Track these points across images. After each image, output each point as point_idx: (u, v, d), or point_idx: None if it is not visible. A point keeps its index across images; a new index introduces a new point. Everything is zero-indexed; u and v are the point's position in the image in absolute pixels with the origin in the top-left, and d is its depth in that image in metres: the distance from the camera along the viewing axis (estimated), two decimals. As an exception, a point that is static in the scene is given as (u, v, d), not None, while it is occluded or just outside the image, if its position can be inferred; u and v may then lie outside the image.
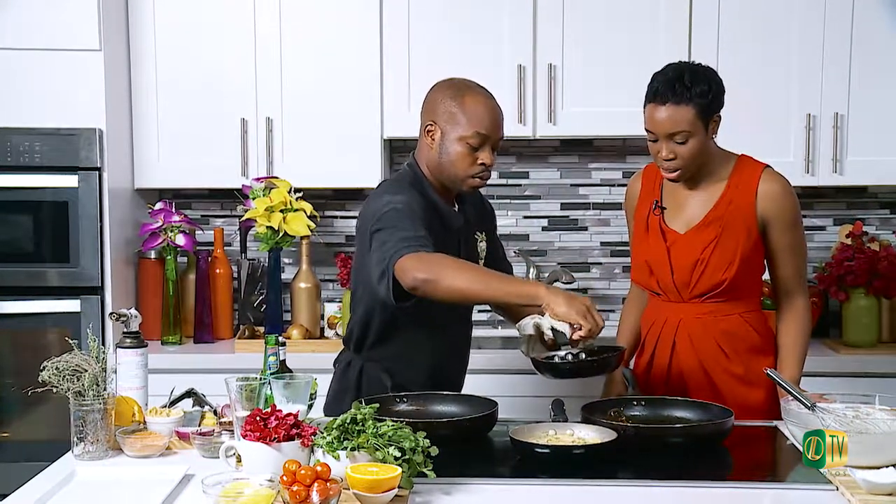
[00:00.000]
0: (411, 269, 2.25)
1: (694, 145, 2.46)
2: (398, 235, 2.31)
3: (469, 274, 2.26)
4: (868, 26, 3.51)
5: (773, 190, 2.52)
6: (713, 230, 2.53)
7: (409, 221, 2.35)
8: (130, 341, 2.36)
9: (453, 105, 2.45)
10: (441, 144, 2.46)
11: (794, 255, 2.55)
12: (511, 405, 2.73)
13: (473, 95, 2.46)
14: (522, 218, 3.98)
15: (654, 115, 2.47)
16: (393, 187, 2.49)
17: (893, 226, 3.83)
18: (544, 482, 2.01)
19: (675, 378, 2.58)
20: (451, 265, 2.26)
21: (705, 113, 2.45)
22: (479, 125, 2.43)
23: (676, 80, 2.45)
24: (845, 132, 3.54)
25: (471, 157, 2.44)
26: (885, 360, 3.42)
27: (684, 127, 2.43)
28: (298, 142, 3.66)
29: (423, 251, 2.28)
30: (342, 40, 3.64)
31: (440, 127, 2.46)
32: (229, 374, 2.21)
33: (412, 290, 2.26)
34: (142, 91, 3.67)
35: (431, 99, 2.51)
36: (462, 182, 2.48)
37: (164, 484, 1.92)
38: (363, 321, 2.56)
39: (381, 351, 2.57)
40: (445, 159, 2.46)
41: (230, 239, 3.96)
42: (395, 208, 2.38)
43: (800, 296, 2.59)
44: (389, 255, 2.30)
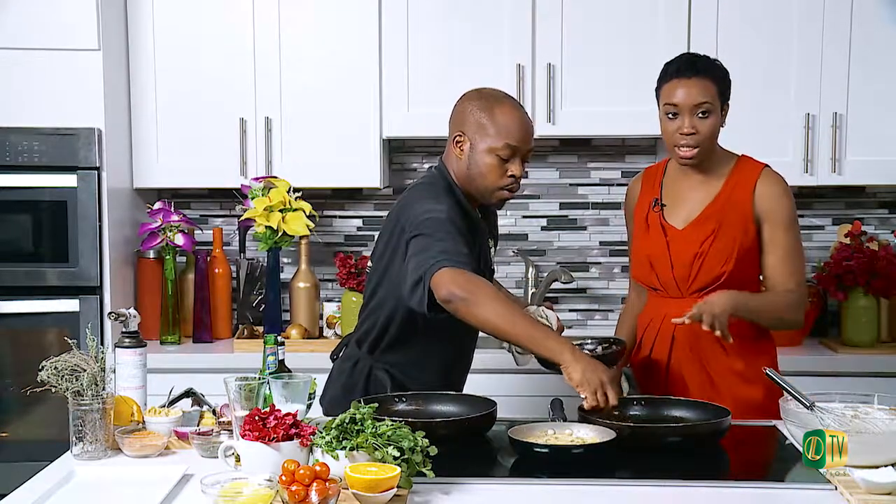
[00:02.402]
0: (450, 283, 2.23)
1: (713, 122, 2.52)
2: (439, 247, 2.29)
3: (503, 309, 2.24)
4: (867, 26, 3.51)
5: (770, 189, 2.55)
6: (711, 224, 2.56)
7: (450, 234, 2.33)
8: (129, 341, 2.36)
9: (483, 116, 2.44)
10: (470, 156, 2.45)
11: (787, 255, 2.56)
12: (510, 405, 2.73)
13: (503, 106, 2.45)
14: (521, 217, 3.98)
15: (678, 90, 2.51)
16: (430, 193, 2.46)
17: (892, 225, 3.83)
18: (543, 482, 2.01)
19: (674, 374, 2.59)
20: (490, 293, 2.25)
21: (722, 93, 2.53)
22: (510, 137, 2.42)
23: (697, 59, 2.55)
24: (844, 132, 3.55)
25: (501, 169, 2.43)
26: (883, 360, 3.42)
27: (709, 98, 2.50)
28: (297, 141, 3.66)
29: (466, 269, 2.26)
30: (341, 40, 3.64)
31: (469, 138, 2.45)
32: (228, 373, 2.20)
33: (445, 302, 2.25)
34: (141, 91, 3.67)
35: (460, 109, 2.50)
36: (491, 194, 2.47)
37: (162, 484, 1.92)
38: (383, 325, 2.54)
39: (393, 355, 2.56)
40: (475, 171, 2.45)
41: (229, 238, 3.96)
42: (438, 218, 2.35)
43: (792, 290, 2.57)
44: (429, 264, 2.28)
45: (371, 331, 2.57)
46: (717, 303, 2.40)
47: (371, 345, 2.58)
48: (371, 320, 2.57)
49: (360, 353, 2.61)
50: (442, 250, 2.28)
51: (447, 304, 2.25)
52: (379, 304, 2.55)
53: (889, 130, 3.54)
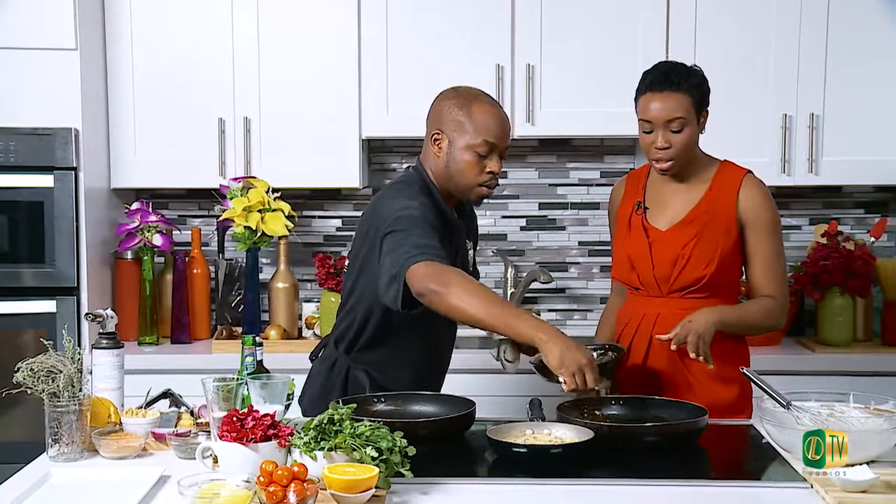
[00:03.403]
0: (423, 277, 2.23)
1: (688, 135, 2.52)
2: (413, 241, 2.30)
3: (478, 297, 2.23)
4: (843, 27, 3.54)
5: (753, 195, 2.57)
6: (694, 227, 2.57)
7: (424, 230, 2.34)
8: (106, 342, 2.35)
9: (461, 114, 2.45)
10: (449, 153, 2.46)
11: (770, 261, 2.58)
12: (488, 405, 2.73)
13: (480, 104, 2.47)
14: (501, 218, 3.99)
15: (651, 104, 2.52)
16: (405, 191, 2.47)
17: (868, 225, 3.86)
18: (521, 481, 2.01)
19: (651, 372, 2.60)
20: (464, 282, 2.25)
21: (698, 104, 2.53)
22: (488, 133, 2.44)
23: (671, 71, 2.53)
24: (821, 132, 3.57)
25: (479, 166, 2.45)
26: (859, 359, 3.45)
27: (681, 113, 2.49)
28: (276, 142, 3.65)
29: (440, 262, 2.27)
30: (320, 40, 3.63)
31: (447, 135, 2.46)
32: (207, 374, 2.20)
33: (419, 296, 2.25)
34: (118, 90, 3.65)
35: (437, 107, 2.51)
36: (470, 191, 2.48)
37: (139, 485, 1.91)
38: (360, 324, 2.54)
39: (370, 354, 2.56)
40: (454, 168, 2.46)
41: (207, 239, 3.94)
42: (411, 214, 2.36)
43: (773, 296, 2.59)
44: (403, 259, 2.28)
45: (348, 330, 2.57)
46: (700, 321, 2.42)
47: (348, 344, 2.58)
48: (348, 319, 2.58)
49: (337, 352, 2.61)
50: (415, 245, 2.29)
51: (422, 298, 2.25)
52: (355, 302, 2.55)
53: (865, 131, 3.57)
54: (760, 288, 2.59)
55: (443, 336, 2.66)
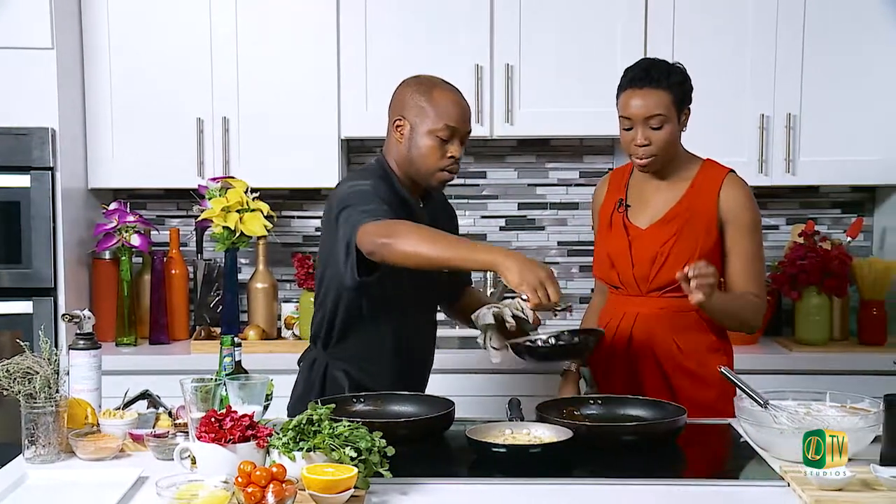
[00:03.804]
0: (370, 233, 2.27)
1: (668, 132, 2.52)
2: (360, 210, 2.34)
3: (427, 237, 2.26)
4: (819, 28, 3.56)
5: (734, 194, 2.57)
6: (674, 226, 2.57)
7: (373, 200, 2.37)
8: (83, 343, 2.34)
9: (422, 100, 2.49)
10: (410, 138, 2.50)
11: (749, 261, 2.57)
12: (468, 405, 2.73)
13: (441, 90, 2.51)
14: (480, 218, 4.00)
15: (631, 101, 2.52)
16: (359, 174, 2.54)
17: (844, 225, 3.89)
18: (501, 481, 2.01)
19: (630, 372, 2.60)
20: (409, 228, 2.28)
21: (679, 101, 2.53)
22: (448, 118, 2.47)
23: (652, 68, 2.53)
24: (798, 133, 3.59)
25: (440, 150, 2.48)
26: (835, 358, 3.47)
27: (661, 111, 2.49)
28: (255, 142, 3.64)
29: (384, 219, 2.30)
30: (299, 40, 3.63)
31: (409, 121, 2.50)
32: (185, 375, 2.19)
33: (371, 254, 2.28)
34: (95, 90, 3.63)
35: (400, 95, 2.56)
36: (431, 175, 2.51)
37: (117, 487, 1.90)
38: (331, 314, 2.56)
39: (345, 347, 2.57)
40: (415, 153, 2.49)
41: (186, 239, 3.93)
42: (361, 190, 2.41)
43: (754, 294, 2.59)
44: (351, 228, 2.33)
45: (321, 324, 2.59)
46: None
47: (324, 339, 2.59)
48: (320, 313, 2.60)
49: (316, 350, 2.63)
50: (362, 212, 2.33)
51: (373, 256, 2.28)
52: (324, 294, 2.58)
53: (842, 131, 3.59)
54: (739, 287, 2.58)
55: (420, 335, 2.66)
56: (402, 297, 2.52)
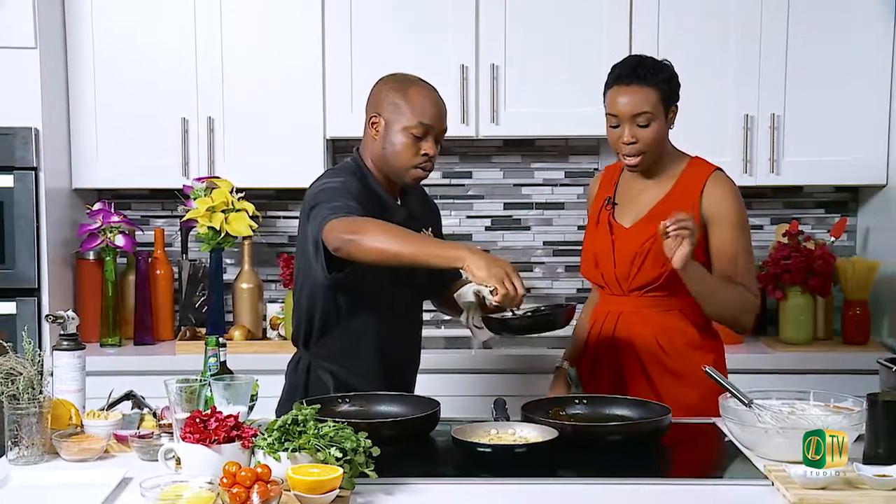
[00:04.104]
0: (336, 230, 2.28)
1: (655, 129, 2.50)
2: (328, 207, 2.36)
3: (392, 234, 2.28)
4: (803, 29, 3.57)
5: (717, 192, 2.54)
6: (655, 225, 2.52)
7: (342, 195, 2.39)
8: (67, 343, 2.33)
9: (397, 97, 2.50)
10: (385, 135, 2.51)
11: (735, 257, 2.53)
12: (453, 405, 2.73)
13: (417, 88, 2.52)
14: (466, 218, 4.00)
15: (618, 98, 2.51)
16: (331, 172, 2.56)
17: (828, 225, 3.90)
18: (486, 481, 2.01)
19: (615, 372, 2.60)
20: (374, 225, 2.29)
21: (666, 99, 2.51)
22: (423, 116, 2.48)
23: (639, 66, 2.52)
24: (782, 133, 3.61)
25: (414, 148, 2.49)
26: (819, 357, 3.48)
27: (647, 108, 2.48)
28: (240, 141, 3.64)
29: (351, 216, 2.31)
30: (284, 40, 3.62)
31: (384, 118, 2.51)
32: (170, 375, 2.18)
33: (336, 250, 2.29)
34: (79, 89, 3.61)
35: (376, 92, 2.57)
36: (405, 173, 2.51)
37: (101, 488, 1.89)
38: (308, 314, 2.56)
39: (327, 345, 2.57)
40: (390, 150, 2.50)
41: (171, 239, 3.91)
42: (331, 187, 2.43)
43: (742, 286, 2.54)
44: (319, 224, 2.34)
45: (300, 323, 2.60)
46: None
47: (304, 338, 2.60)
48: (298, 312, 2.61)
49: (300, 350, 2.63)
50: (330, 209, 2.34)
51: (339, 252, 2.29)
52: (300, 291, 2.59)
53: (825, 132, 3.61)
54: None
55: (403, 331, 2.65)
56: (382, 295, 2.52)
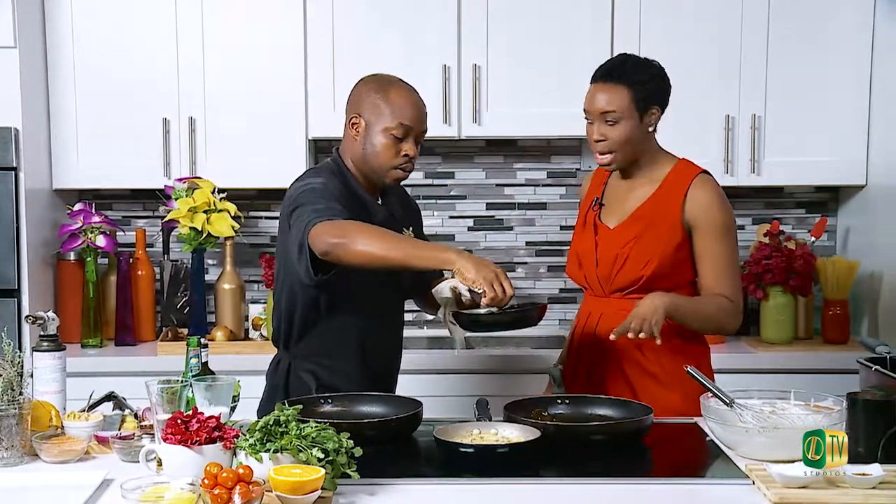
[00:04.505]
0: (323, 234, 2.28)
1: (624, 129, 2.50)
2: (311, 209, 2.35)
3: (380, 237, 2.29)
4: (783, 30, 3.59)
5: (701, 196, 2.53)
6: (637, 227, 2.55)
7: (324, 197, 2.39)
8: (47, 344, 2.32)
9: (378, 98, 2.51)
10: (365, 136, 2.51)
11: (718, 264, 2.52)
12: (436, 405, 2.73)
13: (398, 89, 2.53)
14: (448, 218, 4.00)
15: (591, 94, 2.53)
16: (312, 172, 2.56)
17: (809, 225, 3.93)
18: (468, 481, 2.01)
19: (596, 374, 2.60)
20: (362, 229, 2.30)
21: (640, 100, 2.50)
22: (403, 117, 2.49)
23: (618, 65, 2.53)
24: (763, 133, 3.62)
25: (395, 148, 2.49)
26: (800, 357, 3.50)
27: (615, 107, 2.48)
28: (222, 142, 3.63)
29: (336, 219, 2.31)
30: (266, 39, 3.61)
31: (365, 119, 2.51)
32: (151, 376, 2.17)
33: (324, 255, 2.29)
34: (59, 89, 3.60)
35: (356, 92, 2.57)
36: (385, 173, 2.52)
37: (81, 489, 1.88)
38: (288, 314, 2.56)
39: (308, 345, 2.56)
40: (370, 150, 2.50)
41: (152, 240, 3.90)
42: (313, 188, 2.43)
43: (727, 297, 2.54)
44: (303, 228, 2.33)
45: (281, 323, 2.59)
46: (646, 305, 2.39)
47: (285, 339, 2.59)
48: (277, 312, 2.61)
49: (280, 351, 2.63)
50: (313, 211, 2.34)
51: (327, 256, 2.29)
52: (280, 292, 2.58)
53: (805, 132, 3.63)
54: (710, 289, 2.53)
55: (384, 330, 2.65)
56: (363, 295, 2.52)
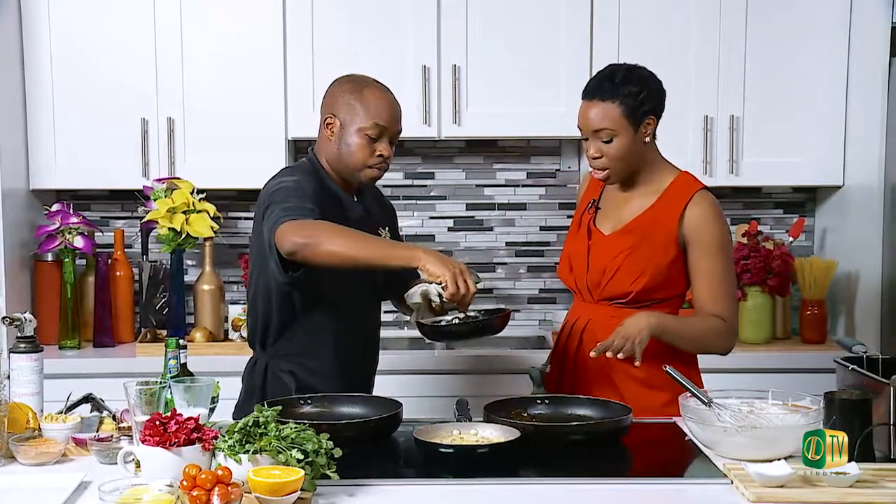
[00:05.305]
0: (289, 234, 2.29)
1: (620, 145, 2.46)
2: (281, 207, 2.36)
3: (347, 237, 2.30)
4: (761, 32, 3.61)
5: (699, 213, 2.49)
6: (631, 238, 2.52)
7: (296, 195, 2.40)
8: (25, 346, 2.31)
9: (352, 98, 2.52)
10: (340, 136, 2.53)
11: (713, 281, 2.49)
12: (416, 406, 2.73)
13: (372, 89, 2.55)
14: (428, 218, 4.00)
15: (583, 112, 2.50)
16: (287, 171, 2.58)
17: (787, 225, 3.95)
18: (448, 482, 2.01)
19: (581, 377, 2.59)
20: (328, 229, 2.30)
21: (633, 114, 2.45)
22: (377, 117, 2.51)
23: (607, 79, 2.48)
24: (741, 134, 3.64)
25: (369, 148, 2.51)
26: (778, 357, 3.52)
27: (608, 125, 2.45)
28: (201, 142, 3.61)
29: (304, 219, 2.32)
30: (245, 39, 3.60)
31: (339, 119, 2.53)
32: (130, 378, 2.16)
33: (290, 254, 2.30)
34: (36, 89, 3.57)
35: (331, 93, 2.59)
36: (360, 172, 2.54)
37: (59, 492, 1.87)
38: (263, 313, 2.56)
39: (284, 345, 2.56)
40: (345, 150, 2.52)
41: (131, 241, 3.88)
42: (285, 186, 2.44)
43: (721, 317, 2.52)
44: (271, 227, 2.35)
45: (257, 323, 2.59)
46: (634, 325, 2.38)
47: (261, 339, 2.59)
48: (253, 312, 2.61)
49: (256, 351, 2.63)
50: (283, 209, 2.35)
51: (294, 256, 2.30)
52: (255, 292, 2.59)
53: (783, 133, 3.65)
54: (705, 309, 2.51)
55: (360, 329, 2.65)
56: (338, 294, 2.53)
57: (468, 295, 2.25)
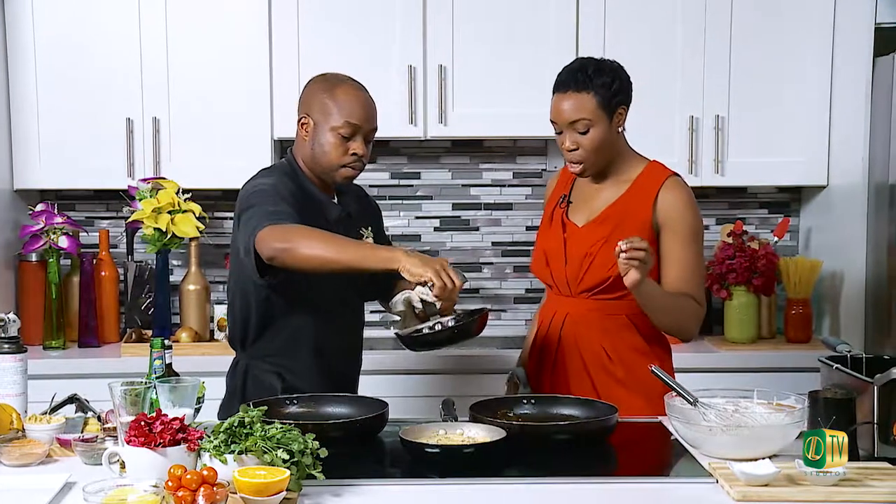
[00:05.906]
0: (268, 239, 2.29)
1: (596, 135, 2.49)
2: (260, 212, 2.36)
3: (325, 241, 2.29)
4: (746, 32, 3.63)
5: (671, 198, 2.52)
6: (607, 226, 2.55)
7: (273, 199, 2.39)
8: (8, 346, 2.30)
9: (325, 97, 2.52)
10: (314, 136, 2.53)
11: (684, 267, 2.52)
12: (402, 406, 2.73)
13: (345, 88, 2.54)
14: (414, 218, 4.00)
15: (557, 105, 2.51)
16: (264, 172, 2.57)
17: (772, 225, 3.96)
18: (434, 482, 2.01)
19: (560, 375, 2.60)
20: (307, 233, 2.30)
21: (608, 104, 2.48)
22: (350, 116, 2.50)
23: (579, 71, 2.51)
24: (726, 134, 3.65)
25: (343, 147, 2.51)
26: (763, 356, 3.54)
27: (584, 115, 2.47)
28: (186, 142, 3.60)
29: (283, 223, 2.31)
30: (231, 39, 3.59)
31: (313, 119, 2.53)
32: (115, 378, 2.16)
33: (270, 259, 2.30)
34: (20, 89, 3.56)
35: (306, 93, 2.59)
36: (335, 171, 2.53)
37: (43, 493, 1.86)
38: (242, 314, 2.56)
39: (264, 346, 2.56)
40: (318, 150, 2.52)
41: (116, 241, 3.87)
42: (262, 189, 2.43)
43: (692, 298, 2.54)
44: (250, 232, 2.34)
45: (236, 324, 2.59)
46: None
47: (241, 339, 2.59)
48: (232, 313, 2.61)
49: (238, 352, 2.63)
50: (262, 214, 2.35)
51: (273, 261, 2.30)
52: (233, 293, 2.59)
53: (768, 133, 3.66)
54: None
55: (342, 327, 2.64)
56: (317, 294, 2.52)
57: (455, 289, 2.24)
